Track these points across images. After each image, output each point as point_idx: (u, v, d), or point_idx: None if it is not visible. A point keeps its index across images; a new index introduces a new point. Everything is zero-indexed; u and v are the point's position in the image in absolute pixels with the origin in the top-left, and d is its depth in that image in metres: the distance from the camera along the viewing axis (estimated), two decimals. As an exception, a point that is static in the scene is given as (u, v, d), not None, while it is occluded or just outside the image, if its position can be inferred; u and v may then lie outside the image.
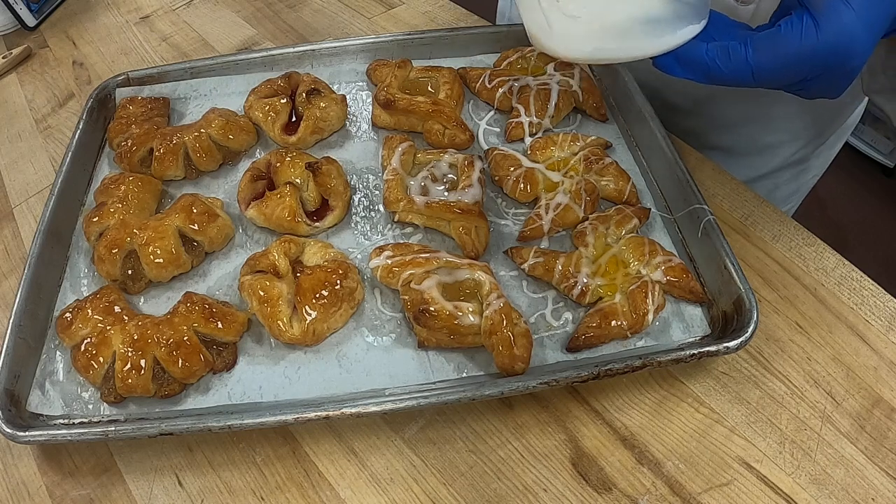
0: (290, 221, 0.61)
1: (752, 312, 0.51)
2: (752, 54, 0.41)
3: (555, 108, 0.69)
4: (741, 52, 0.41)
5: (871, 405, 0.52)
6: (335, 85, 0.76)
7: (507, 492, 0.49)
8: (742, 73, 0.42)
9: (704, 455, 0.50)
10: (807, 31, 0.39)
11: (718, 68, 0.42)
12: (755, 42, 0.41)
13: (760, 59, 0.41)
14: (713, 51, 0.42)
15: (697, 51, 0.43)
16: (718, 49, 0.42)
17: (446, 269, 0.55)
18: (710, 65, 0.43)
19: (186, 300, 0.55)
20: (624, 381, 0.54)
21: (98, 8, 0.98)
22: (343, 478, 0.50)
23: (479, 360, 0.54)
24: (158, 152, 0.66)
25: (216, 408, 0.52)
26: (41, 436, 0.49)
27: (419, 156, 0.66)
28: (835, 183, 1.89)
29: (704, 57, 0.43)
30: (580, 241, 0.59)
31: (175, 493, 0.50)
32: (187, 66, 0.77)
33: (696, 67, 0.43)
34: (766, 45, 0.41)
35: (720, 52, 0.42)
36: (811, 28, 0.39)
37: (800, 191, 0.89)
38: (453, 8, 0.92)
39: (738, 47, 0.41)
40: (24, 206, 0.72)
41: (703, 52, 0.43)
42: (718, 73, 0.43)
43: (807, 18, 0.39)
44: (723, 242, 0.56)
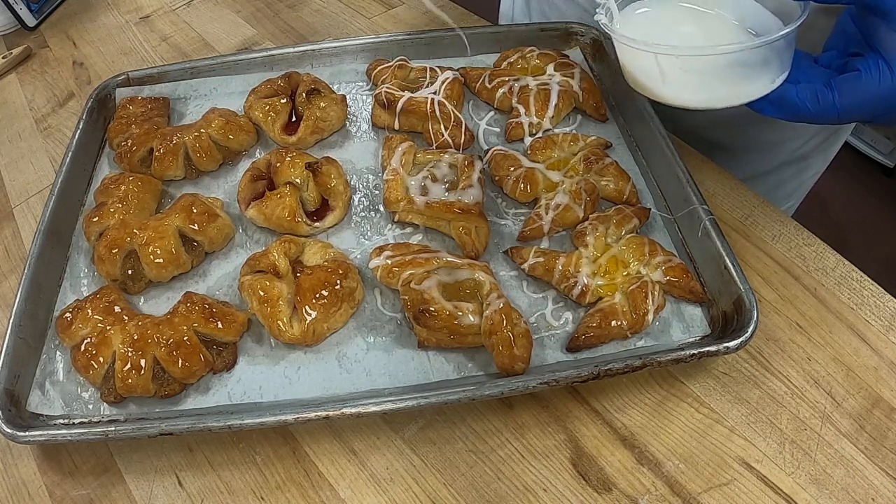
0: (290, 221, 0.61)
1: (752, 312, 0.51)
2: (838, 98, 0.46)
3: (555, 108, 0.69)
4: (828, 96, 0.46)
5: (871, 405, 0.52)
6: (335, 85, 0.76)
7: (507, 492, 0.49)
8: (828, 114, 0.46)
9: (704, 455, 0.50)
10: (883, 75, 0.44)
11: (808, 110, 0.47)
12: (839, 86, 0.45)
13: (846, 102, 0.45)
14: (803, 94, 0.47)
15: (789, 95, 0.47)
16: (808, 92, 0.47)
17: (446, 269, 0.55)
18: (801, 106, 0.47)
19: (186, 300, 0.55)
20: (624, 381, 0.54)
21: (98, 8, 0.98)
22: (343, 478, 0.50)
23: (479, 360, 0.54)
24: (158, 152, 0.66)
25: (216, 408, 0.52)
26: (41, 436, 0.49)
27: (419, 156, 0.66)
28: (835, 183, 1.89)
29: (796, 100, 0.47)
30: (580, 241, 0.59)
31: (175, 493, 0.50)
32: (187, 66, 0.77)
33: (788, 109, 0.48)
34: (850, 89, 0.45)
35: (809, 96, 0.46)
36: (887, 73, 0.44)
37: (801, 188, 0.89)
38: (453, 8, 0.92)
39: (826, 91, 0.46)
40: (24, 206, 0.72)
41: (794, 95, 0.47)
42: (807, 114, 0.47)
43: (882, 64, 0.44)
44: (723, 242, 0.56)
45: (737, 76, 0.47)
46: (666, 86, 0.49)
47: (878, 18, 0.45)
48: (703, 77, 0.48)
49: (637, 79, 0.51)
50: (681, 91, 0.49)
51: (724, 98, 0.48)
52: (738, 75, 0.47)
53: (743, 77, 0.47)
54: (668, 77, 0.48)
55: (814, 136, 0.80)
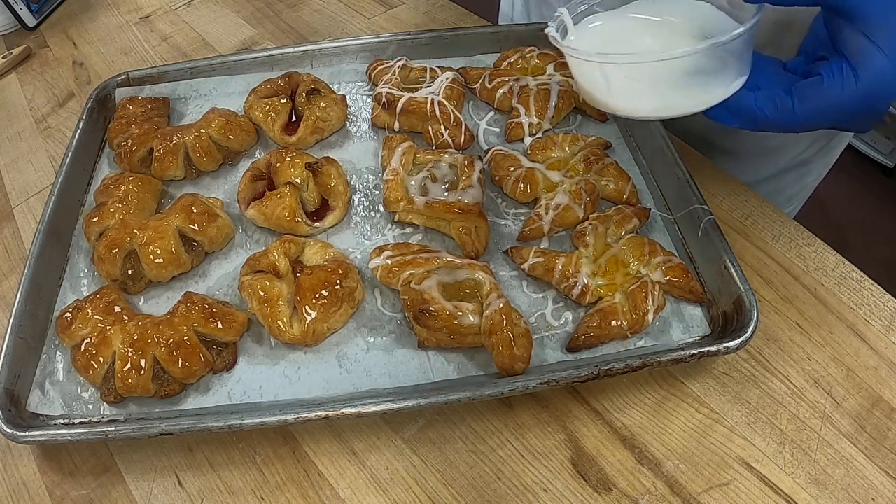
0: (290, 221, 0.61)
1: (752, 312, 0.51)
2: (798, 104, 0.43)
3: (555, 108, 0.69)
4: (788, 103, 0.43)
5: (871, 405, 0.52)
6: (335, 85, 0.76)
7: (507, 492, 0.49)
8: (788, 121, 0.44)
9: (704, 455, 0.50)
10: (846, 80, 0.41)
11: (766, 117, 0.44)
12: (800, 92, 0.43)
13: (806, 109, 0.43)
14: (761, 101, 0.44)
15: (747, 101, 0.45)
16: (766, 99, 0.44)
17: (446, 269, 0.55)
18: (759, 114, 0.45)
19: (186, 300, 0.55)
20: (624, 381, 0.54)
21: (98, 8, 0.98)
22: (343, 478, 0.50)
23: (479, 360, 0.54)
24: (158, 152, 0.66)
25: (216, 408, 0.52)
26: (41, 436, 0.49)
27: (419, 156, 0.66)
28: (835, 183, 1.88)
29: (753, 107, 0.45)
30: (580, 241, 0.59)
31: (175, 493, 0.50)
32: (187, 66, 0.77)
33: (746, 116, 0.45)
34: (811, 94, 0.43)
35: (768, 103, 0.44)
36: (850, 77, 0.41)
37: (802, 192, 0.89)
38: (453, 8, 0.92)
39: (785, 98, 0.43)
40: (24, 206, 0.72)
41: (752, 102, 0.45)
42: (766, 122, 0.45)
43: (846, 67, 0.41)
44: (723, 242, 0.56)
45: (691, 83, 0.45)
46: (612, 96, 0.47)
47: (842, 20, 0.42)
48: (653, 85, 0.46)
49: (586, 90, 0.49)
50: (628, 100, 0.47)
51: (677, 106, 0.46)
52: (692, 82, 0.45)
53: (697, 84, 0.45)
54: (613, 87, 0.47)
55: (815, 141, 0.80)
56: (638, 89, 0.47)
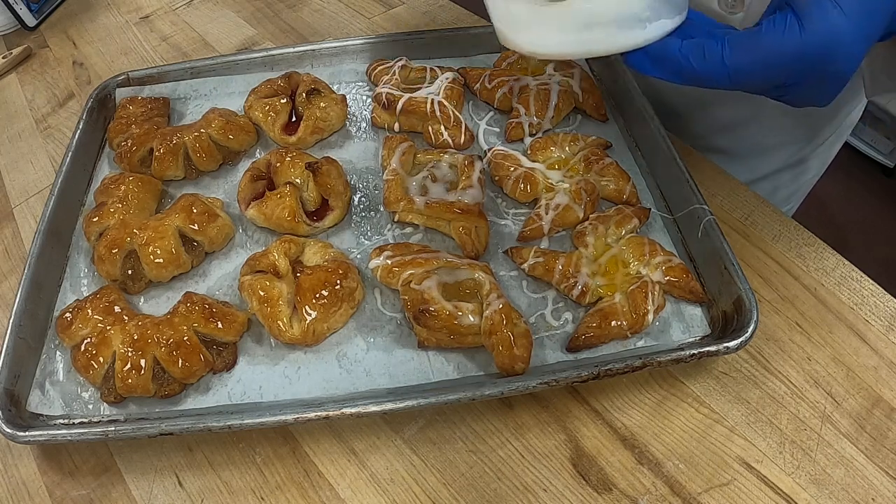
0: (290, 221, 0.61)
1: (752, 312, 0.51)
2: (728, 53, 0.38)
3: (555, 108, 0.69)
4: (717, 51, 0.38)
5: (871, 405, 0.52)
6: (335, 85, 0.76)
7: (507, 492, 0.49)
8: (717, 74, 0.39)
9: (704, 455, 0.50)
10: (789, 30, 0.36)
11: (692, 67, 0.39)
12: (733, 40, 0.38)
13: (737, 59, 0.38)
14: (687, 48, 0.39)
15: (671, 48, 0.40)
16: (693, 46, 0.39)
17: (446, 269, 0.55)
18: (684, 63, 0.40)
19: (186, 300, 0.55)
20: (624, 381, 0.54)
21: (98, 8, 0.98)
22: (343, 478, 0.50)
23: (479, 360, 0.54)
24: (158, 152, 0.66)
25: (216, 408, 0.52)
26: (41, 436, 0.49)
27: (419, 156, 0.66)
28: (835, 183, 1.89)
29: (678, 54, 0.40)
30: (580, 241, 0.59)
31: (175, 493, 0.50)
32: (187, 66, 0.77)
33: (669, 66, 0.40)
34: (745, 43, 0.38)
35: (695, 50, 0.39)
36: (794, 27, 0.36)
37: (800, 191, 0.89)
38: (453, 8, 0.92)
39: (714, 45, 0.38)
40: (24, 206, 0.72)
41: (676, 49, 0.40)
42: (692, 73, 0.40)
43: (791, 17, 0.37)
44: (723, 242, 0.56)
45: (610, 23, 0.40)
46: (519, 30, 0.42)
47: None
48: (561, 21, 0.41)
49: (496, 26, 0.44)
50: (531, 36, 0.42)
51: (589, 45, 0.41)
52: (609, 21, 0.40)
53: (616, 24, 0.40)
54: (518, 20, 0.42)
55: (811, 139, 0.80)
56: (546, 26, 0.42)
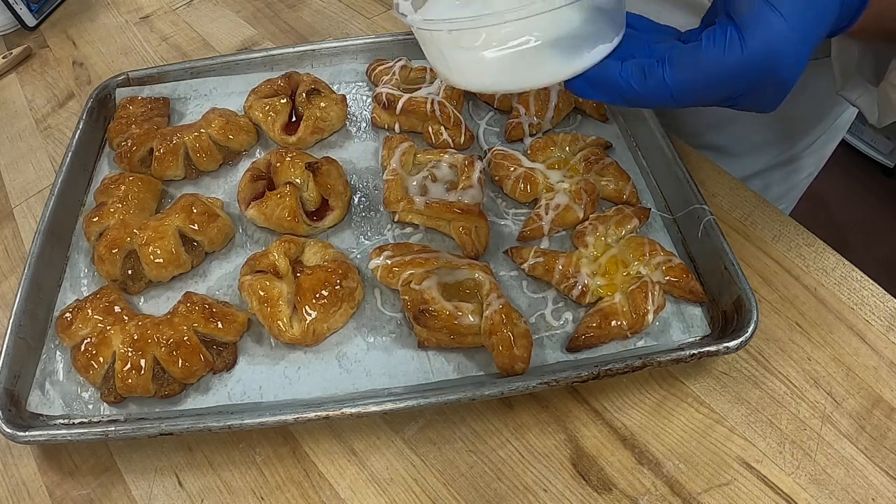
0: (290, 221, 0.61)
1: (752, 312, 0.51)
2: (669, 74, 0.37)
3: (555, 108, 0.69)
4: (658, 72, 0.37)
5: (871, 405, 0.52)
6: (335, 85, 0.76)
7: (507, 492, 0.49)
8: (660, 94, 0.38)
9: (704, 455, 0.50)
10: (730, 44, 0.35)
11: (634, 90, 0.38)
12: (673, 59, 0.37)
13: (679, 79, 0.37)
14: (627, 71, 0.38)
15: (610, 72, 0.38)
16: (633, 68, 0.38)
17: (446, 269, 0.55)
18: (625, 86, 0.38)
19: (186, 300, 0.55)
20: (624, 381, 0.54)
21: (98, 8, 0.98)
22: (343, 478, 0.50)
23: (479, 360, 0.54)
24: (158, 152, 0.66)
25: (216, 408, 0.52)
26: (41, 436, 0.49)
27: (419, 156, 0.66)
28: (835, 183, 1.89)
29: (618, 78, 0.38)
30: (580, 241, 0.59)
31: (175, 493, 0.50)
32: (187, 66, 0.77)
33: (610, 90, 0.39)
34: (686, 62, 0.36)
35: (635, 73, 0.38)
36: (735, 41, 0.35)
37: (794, 190, 0.88)
38: (453, 8, 0.92)
39: (655, 66, 0.37)
40: (24, 206, 0.72)
41: (616, 73, 0.38)
42: (634, 96, 0.38)
43: (731, 30, 0.35)
44: (723, 242, 0.56)
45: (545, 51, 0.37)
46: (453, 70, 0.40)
47: None
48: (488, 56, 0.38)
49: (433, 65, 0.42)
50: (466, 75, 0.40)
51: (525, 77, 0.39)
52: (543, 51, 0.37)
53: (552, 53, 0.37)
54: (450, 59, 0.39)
55: (803, 137, 0.79)
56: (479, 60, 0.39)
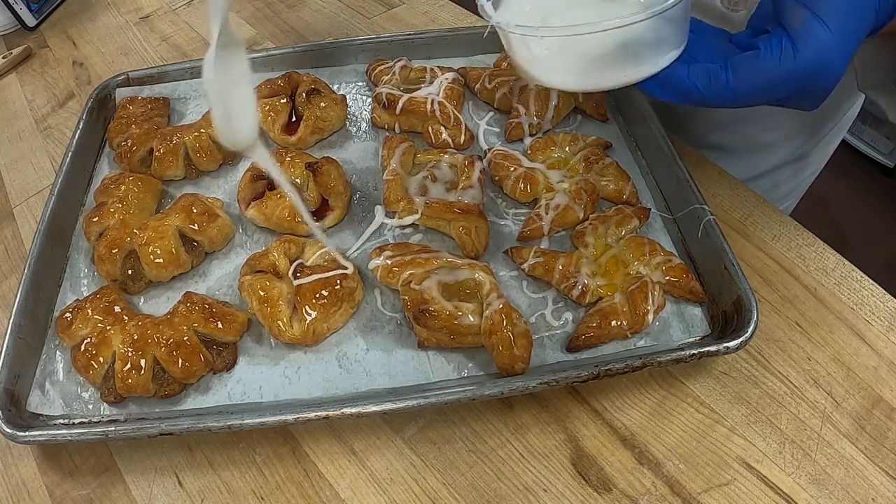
0: (290, 221, 0.61)
1: (752, 312, 0.51)
2: (732, 79, 0.41)
3: (555, 108, 0.69)
4: (722, 77, 0.42)
5: (871, 405, 0.52)
6: (335, 85, 0.76)
7: (507, 492, 0.49)
8: (722, 97, 0.42)
9: (704, 455, 0.50)
10: (785, 54, 0.40)
11: (699, 92, 0.43)
12: (735, 66, 0.41)
13: (740, 84, 0.41)
14: (694, 75, 0.43)
15: (679, 75, 0.43)
16: (699, 73, 0.43)
17: (446, 269, 0.55)
18: (692, 89, 0.43)
19: (186, 300, 0.55)
20: (624, 381, 0.54)
21: (98, 8, 0.98)
22: (343, 478, 0.50)
23: (479, 360, 0.54)
24: (158, 152, 0.66)
25: (216, 408, 0.52)
26: (41, 436, 0.49)
27: (419, 156, 0.66)
28: (835, 183, 1.89)
29: (686, 81, 0.43)
30: (580, 241, 0.59)
31: (175, 493, 0.50)
32: (187, 66, 0.77)
33: (678, 91, 0.44)
34: (746, 69, 0.41)
35: (701, 76, 0.42)
36: (789, 51, 0.39)
37: (799, 187, 0.89)
38: (453, 8, 0.92)
39: (719, 71, 0.42)
40: (24, 206, 0.72)
41: (684, 76, 0.43)
42: (699, 97, 0.43)
43: (785, 41, 0.40)
44: (723, 242, 0.56)
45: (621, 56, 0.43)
46: (537, 69, 0.46)
47: None
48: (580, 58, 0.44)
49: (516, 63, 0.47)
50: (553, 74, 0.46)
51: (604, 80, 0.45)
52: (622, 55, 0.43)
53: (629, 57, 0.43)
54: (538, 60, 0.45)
55: (811, 135, 0.80)
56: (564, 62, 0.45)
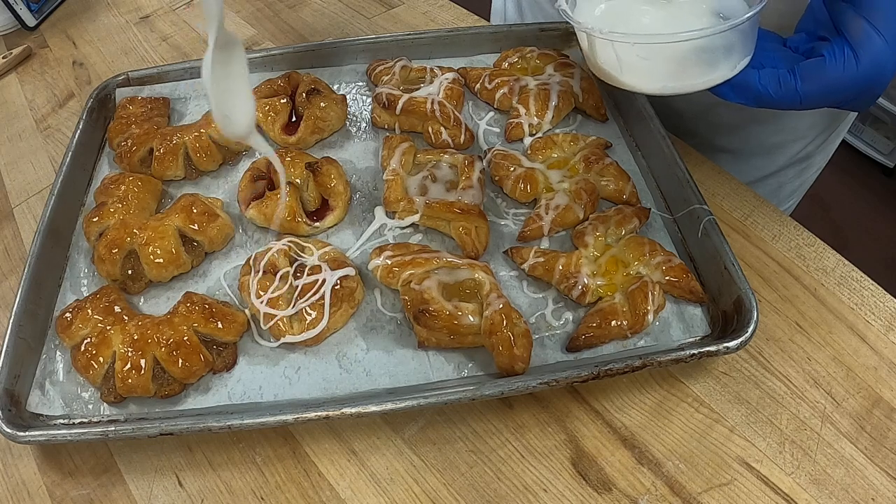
0: (290, 221, 0.61)
1: (752, 312, 0.51)
2: (800, 84, 0.45)
3: (555, 108, 0.69)
4: (791, 82, 0.45)
5: (871, 405, 0.52)
6: (335, 85, 0.76)
7: (507, 492, 0.49)
8: (791, 100, 0.46)
9: (704, 455, 0.50)
10: (848, 62, 0.43)
11: (770, 95, 0.46)
12: (803, 72, 0.45)
13: (808, 88, 0.45)
14: (765, 79, 0.46)
15: (751, 79, 0.47)
16: (770, 77, 0.46)
17: (446, 269, 0.55)
18: (763, 92, 0.46)
19: (186, 300, 0.55)
20: (624, 381, 0.54)
21: (98, 8, 0.98)
22: (343, 478, 0.50)
23: (479, 360, 0.54)
24: (158, 152, 0.66)
25: (216, 408, 0.52)
26: (41, 436, 0.49)
27: (419, 156, 0.66)
28: (835, 183, 1.89)
29: (758, 86, 0.47)
30: (580, 241, 0.59)
31: (175, 493, 0.50)
32: (187, 66, 0.77)
33: (750, 95, 0.47)
34: (813, 75, 0.45)
35: (772, 81, 0.46)
36: (852, 59, 0.43)
37: (802, 187, 0.90)
38: (453, 8, 0.92)
39: (788, 77, 0.45)
40: (24, 206, 0.72)
41: (756, 80, 0.47)
42: (769, 100, 0.47)
43: (847, 50, 0.44)
44: (723, 242, 0.56)
45: (699, 61, 0.47)
46: (623, 73, 0.49)
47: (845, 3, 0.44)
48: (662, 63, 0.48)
49: (598, 66, 0.51)
50: (638, 78, 0.49)
51: (685, 84, 0.48)
52: (700, 60, 0.46)
53: (705, 62, 0.46)
54: (625, 64, 0.48)
55: (816, 136, 0.80)
56: (648, 67, 0.48)
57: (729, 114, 0.77)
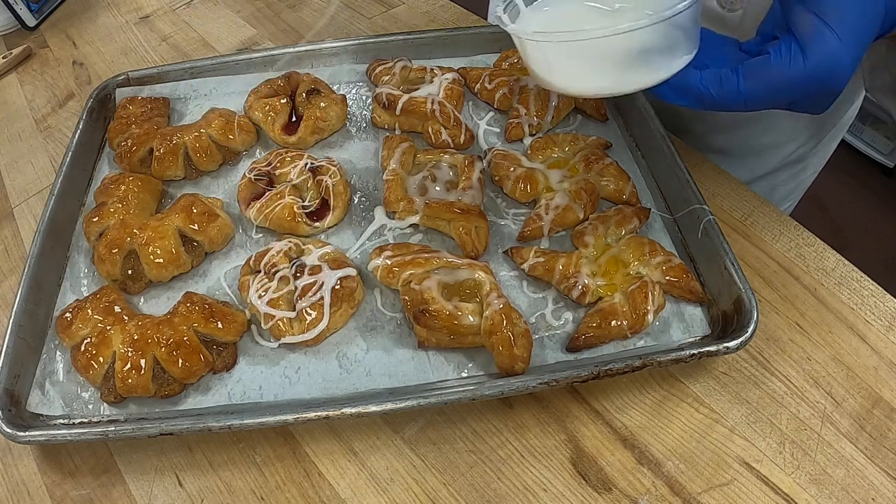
0: (290, 221, 0.61)
1: (752, 312, 0.51)
2: (743, 83, 0.42)
3: (555, 108, 0.69)
4: (733, 81, 0.43)
5: (871, 405, 0.52)
6: (335, 85, 0.76)
7: (507, 492, 0.49)
8: (734, 100, 0.43)
9: (704, 455, 0.50)
10: (794, 59, 0.40)
11: (711, 96, 0.44)
12: (746, 70, 0.42)
13: (751, 87, 0.42)
14: (706, 79, 0.44)
15: (692, 79, 0.44)
16: (711, 77, 0.44)
17: (446, 269, 0.55)
18: (704, 93, 0.44)
19: (186, 300, 0.55)
20: (624, 381, 0.54)
21: (98, 8, 0.98)
22: (343, 478, 0.50)
23: (479, 360, 0.54)
24: (158, 152, 0.66)
25: (216, 408, 0.52)
26: (41, 436, 0.49)
27: (419, 156, 0.66)
28: (835, 183, 1.89)
29: (698, 85, 0.44)
30: (580, 241, 0.59)
31: (175, 493, 0.50)
32: (187, 66, 0.77)
33: (691, 95, 0.45)
34: (757, 73, 0.42)
35: (713, 81, 0.43)
36: (798, 56, 0.40)
37: (798, 189, 0.89)
38: (453, 8, 0.92)
39: (731, 76, 0.43)
40: (24, 206, 0.72)
41: (697, 80, 0.44)
42: (711, 101, 0.44)
43: (794, 46, 0.41)
44: (723, 242, 0.56)
45: (634, 62, 0.44)
46: (553, 75, 0.47)
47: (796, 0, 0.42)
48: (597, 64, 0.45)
49: (532, 69, 0.49)
50: (569, 79, 0.47)
51: (619, 84, 0.46)
52: (636, 61, 0.44)
53: (642, 62, 0.44)
54: (554, 66, 0.47)
55: (811, 137, 0.80)
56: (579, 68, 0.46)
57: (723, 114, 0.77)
